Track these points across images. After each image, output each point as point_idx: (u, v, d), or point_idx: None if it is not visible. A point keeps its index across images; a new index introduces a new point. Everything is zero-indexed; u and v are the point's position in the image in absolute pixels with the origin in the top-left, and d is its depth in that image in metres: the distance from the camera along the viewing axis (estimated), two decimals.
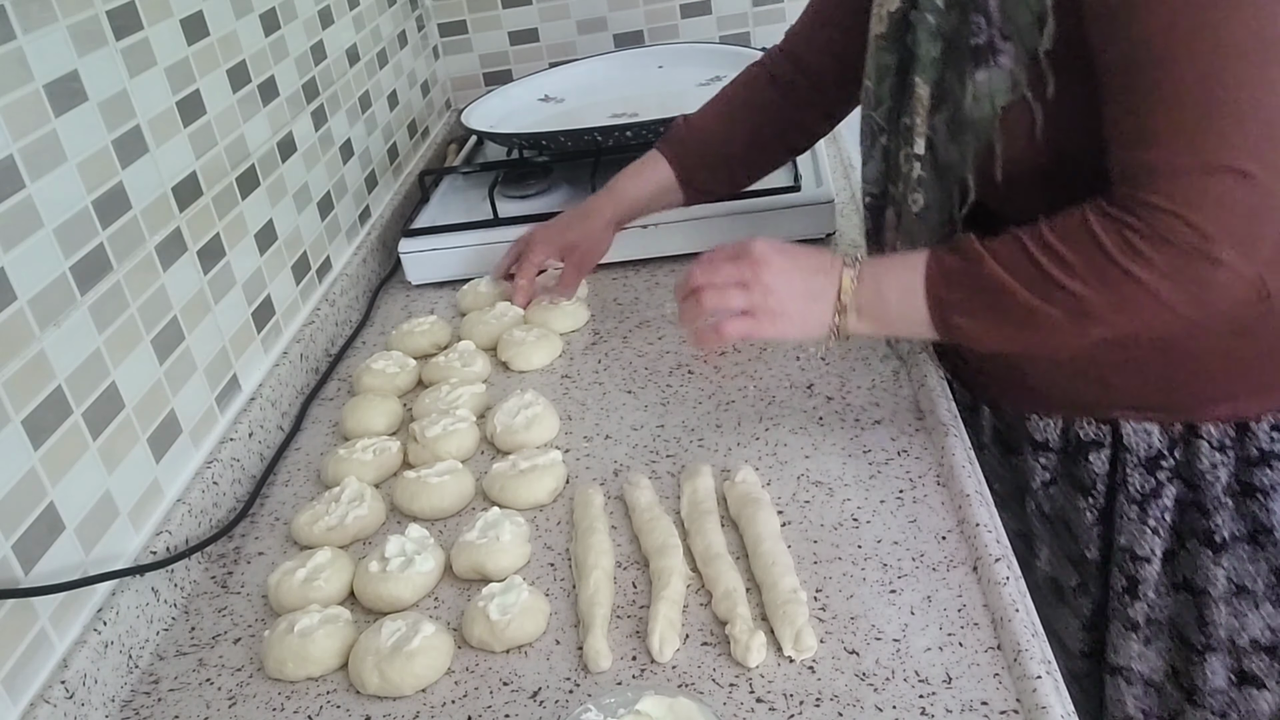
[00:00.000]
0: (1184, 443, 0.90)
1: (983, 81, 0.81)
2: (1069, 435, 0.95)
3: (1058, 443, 0.96)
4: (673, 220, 1.34)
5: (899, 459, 0.92)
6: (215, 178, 1.09)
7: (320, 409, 1.17)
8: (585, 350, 1.19)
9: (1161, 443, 0.90)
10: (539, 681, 0.75)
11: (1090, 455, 0.93)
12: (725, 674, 0.73)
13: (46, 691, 0.75)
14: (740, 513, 0.86)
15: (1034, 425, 0.96)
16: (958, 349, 0.98)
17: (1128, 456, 0.91)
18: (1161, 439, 0.90)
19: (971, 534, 0.81)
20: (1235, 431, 0.88)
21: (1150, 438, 0.91)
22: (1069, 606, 1.00)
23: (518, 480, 0.94)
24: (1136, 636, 0.97)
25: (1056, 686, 0.67)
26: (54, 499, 0.80)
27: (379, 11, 1.67)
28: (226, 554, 0.96)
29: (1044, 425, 0.96)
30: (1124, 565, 0.94)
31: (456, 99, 2.04)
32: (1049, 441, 0.96)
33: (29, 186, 0.81)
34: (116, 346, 0.90)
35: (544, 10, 1.97)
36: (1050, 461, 0.97)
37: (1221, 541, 0.91)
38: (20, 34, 0.82)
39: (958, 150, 0.84)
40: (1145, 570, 0.94)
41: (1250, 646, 0.94)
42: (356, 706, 0.76)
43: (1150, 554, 0.93)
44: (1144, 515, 0.92)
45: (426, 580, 0.85)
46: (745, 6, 1.96)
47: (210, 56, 1.12)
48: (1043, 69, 0.78)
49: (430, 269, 1.39)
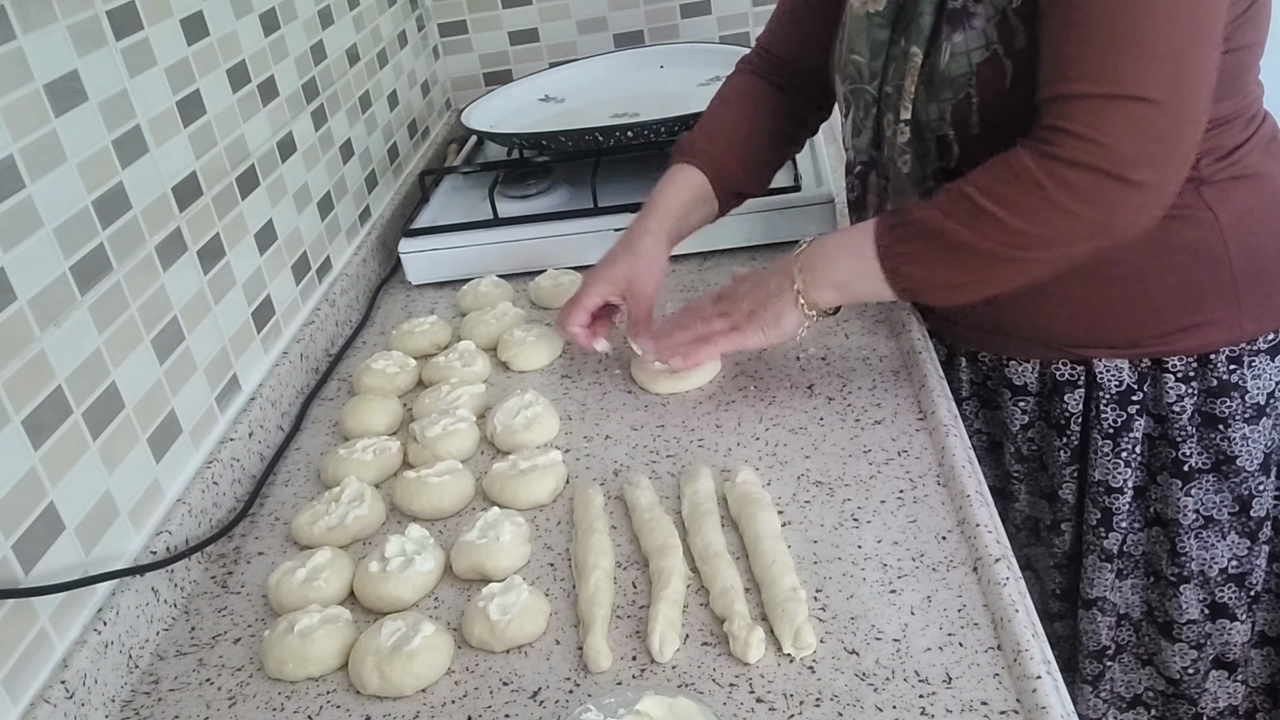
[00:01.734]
0: (1151, 377, 0.97)
1: (959, 42, 0.88)
2: (1045, 377, 1.01)
3: (1035, 385, 1.02)
4: None
5: (899, 459, 0.92)
6: (215, 178, 1.09)
7: (320, 409, 1.17)
8: (585, 349, 1.19)
9: (1130, 378, 0.97)
10: (539, 681, 0.75)
11: (1066, 395, 1.00)
12: (725, 674, 0.73)
13: (47, 691, 0.75)
14: (740, 512, 0.86)
15: (1012, 370, 1.02)
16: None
17: (1100, 394, 0.97)
18: (1130, 374, 0.97)
19: (972, 534, 0.81)
20: (1197, 364, 0.95)
21: (1121, 373, 0.97)
22: (1044, 545, 1.06)
23: (518, 480, 0.94)
24: (1110, 568, 1.02)
25: (1056, 687, 0.67)
26: (54, 499, 0.80)
27: (379, 11, 1.67)
28: (226, 554, 0.96)
29: (1021, 370, 1.02)
30: (1098, 499, 1.00)
31: (457, 99, 2.04)
32: (1027, 385, 1.02)
33: (29, 186, 0.81)
34: (116, 346, 0.90)
35: (544, 10, 1.97)
36: (1028, 405, 1.03)
37: (1189, 471, 0.97)
38: (20, 34, 0.82)
39: (936, 109, 0.91)
40: (1118, 501, 1.00)
41: (1220, 577, 0.99)
42: (357, 706, 0.76)
43: (1123, 485, 0.99)
44: (1116, 448, 0.98)
45: (426, 580, 0.85)
46: (745, 6, 1.96)
47: (210, 56, 1.12)
48: (1012, 24, 0.84)
49: (430, 269, 1.39)
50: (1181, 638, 1.00)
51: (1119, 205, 0.79)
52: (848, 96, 0.99)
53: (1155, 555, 1.01)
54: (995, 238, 0.82)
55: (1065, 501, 1.03)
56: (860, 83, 0.96)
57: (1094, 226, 0.80)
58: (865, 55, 0.95)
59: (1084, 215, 0.79)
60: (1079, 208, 0.79)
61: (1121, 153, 0.77)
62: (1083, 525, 1.03)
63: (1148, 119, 0.76)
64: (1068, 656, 1.09)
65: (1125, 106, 0.76)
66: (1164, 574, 1.00)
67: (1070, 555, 1.05)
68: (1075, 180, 0.78)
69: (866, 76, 0.95)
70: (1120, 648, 1.04)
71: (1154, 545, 1.01)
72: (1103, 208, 0.79)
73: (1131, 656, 1.04)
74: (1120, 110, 0.77)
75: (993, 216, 0.81)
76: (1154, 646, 1.03)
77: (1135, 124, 0.77)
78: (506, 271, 1.37)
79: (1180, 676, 1.02)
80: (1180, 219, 0.89)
